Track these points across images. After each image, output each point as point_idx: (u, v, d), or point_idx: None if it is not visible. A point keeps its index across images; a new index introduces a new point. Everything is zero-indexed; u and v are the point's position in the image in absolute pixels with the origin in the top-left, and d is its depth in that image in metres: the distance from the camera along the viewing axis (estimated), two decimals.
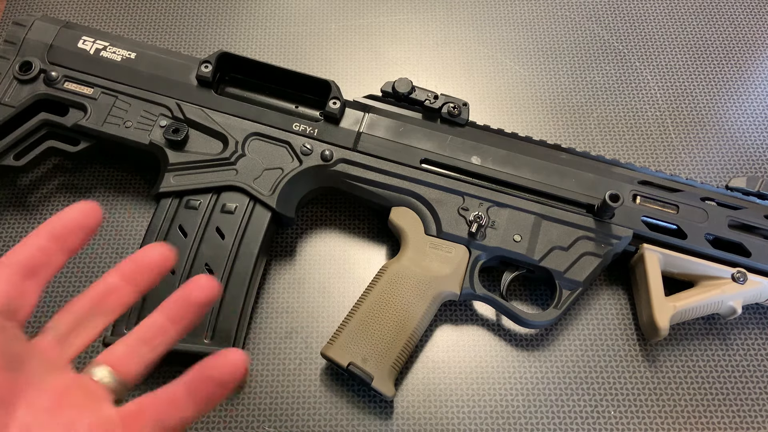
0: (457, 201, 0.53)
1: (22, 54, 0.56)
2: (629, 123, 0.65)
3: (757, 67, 0.69)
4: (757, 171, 0.63)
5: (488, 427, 0.51)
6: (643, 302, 0.53)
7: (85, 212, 0.32)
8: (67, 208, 0.32)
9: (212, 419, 0.50)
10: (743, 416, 0.52)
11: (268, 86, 0.58)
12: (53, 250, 0.32)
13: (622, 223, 0.53)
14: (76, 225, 0.32)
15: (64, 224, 0.32)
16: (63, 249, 0.32)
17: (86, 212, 0.32)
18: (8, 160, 0.54)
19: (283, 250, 0.58)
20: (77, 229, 0.32)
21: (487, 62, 0.68)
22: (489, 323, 0.55)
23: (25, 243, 0.31)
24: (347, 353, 0.49)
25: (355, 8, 0.71)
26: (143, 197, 0.60)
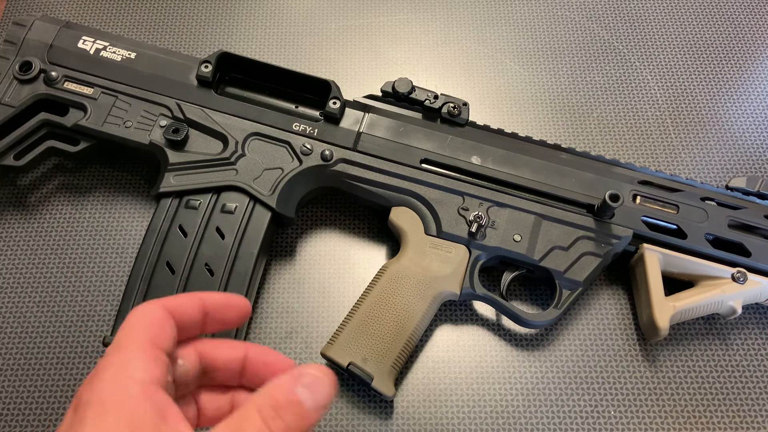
0: (457, 201, 0.53)
1: (22, 54, 0.56)
2: (629, 123, 0.65)
3: (757, 67, 0.69)
4: (757, 171, 0.63)
5: (488, 427, 0.51)
6: (643, 302, 0.53)
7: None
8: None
9: None
10: (743, 416, 0.52)
11: (268, 86, 0.58)
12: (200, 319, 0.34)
13: (622, 223, 0.53)
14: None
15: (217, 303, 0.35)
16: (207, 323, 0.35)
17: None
18: (8, 160, 0.54)
19: (283, 250, 0.58)
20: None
21: (487, 62, 0.68)
22: (489, 323, 0.55)
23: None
24: (347, 353, 0.49)
25: (355, 8, 0.71)
26: (143, 197, 0.60)
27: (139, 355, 0.30)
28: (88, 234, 0.58)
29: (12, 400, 0.51)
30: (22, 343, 0.53)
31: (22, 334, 0.54)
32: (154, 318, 0.32)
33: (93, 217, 0.59)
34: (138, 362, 0.29)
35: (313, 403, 0.31)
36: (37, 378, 0.52)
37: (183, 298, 0.33)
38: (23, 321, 0.54)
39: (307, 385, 0.31)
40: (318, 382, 0.31)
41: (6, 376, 0.52)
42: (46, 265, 0.57)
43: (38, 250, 0.57)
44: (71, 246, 0.57)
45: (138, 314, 0.32)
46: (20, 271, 0.56)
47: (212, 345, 0.35)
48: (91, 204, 0.59)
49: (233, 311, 0.35)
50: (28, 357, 0.53)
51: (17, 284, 0.56)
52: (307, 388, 0.31)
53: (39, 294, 0.55)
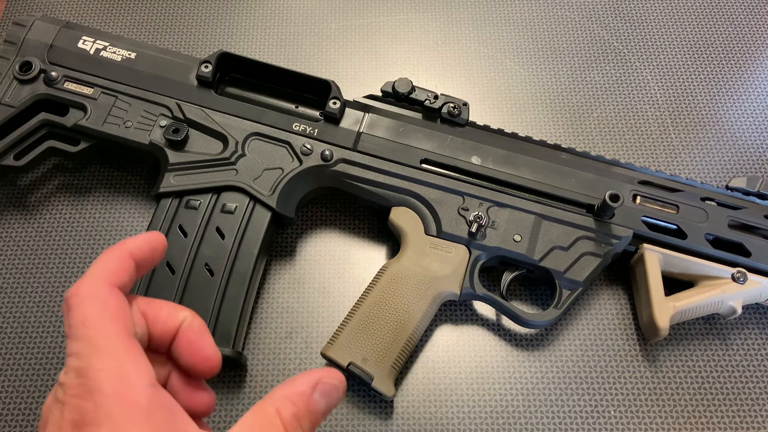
0: (457, 201, 0.53)
1: (22, 54, 0.56)
2: (629, 123, 0.65)
3: (757, 67, 0.69)
4: (757, 171, 0.63)
5: (488, 427, 0.51)
6: (643, 302, 0.53)
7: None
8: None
9: (212, 419, 0.50)
10: (743, 416, 0.52)
11: (268, 86, 0.58)
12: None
13: (622, 223, 0.53)
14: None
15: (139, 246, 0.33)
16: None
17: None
18: (8, 160, 0.54)
19: (283, 250, 0.58)
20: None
21: (487, 62, 0.68)
22: (489, 323, 0.55)
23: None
24: (347, 353, 0.49)
25: (355, 8, 0.71)
26: (143, 197, 0.60)
27: (129, 356, 0.28)
28: (88, 234, 0.58)
29: (12, 400, 0.51)
30: (22, 343, 0.53)
31: (22, 334, 0.54)
32: (113, 303, 0.30)
33: (93, 217, 0.59)
34: (132, 366, 0.28)
35: (325, 410, 0.32)
36: (37, 378, 0.52)
37: (116, 263, 0.31)
38: (23, 321, 0.54)
39: (324, 393, 0.31)
40: (335, 391, 0.32)
41: (6, 376, 0.52)
42: (46, 265, 0.57)
43: (38, 250, 0.57)
44: (71, 246, 0.57)
45: (97, 302, 0.30)
46: (20, 271, 0.56)
47: (153, 309, 0.33)
48: (91, 204, 0.59)
49: (153, 249, 0.34)
50: (28, 357, 0.53)
51: (17, 284, 0.56)
52: (323, 396, 0.31)
53: (39, 294, 0.55)
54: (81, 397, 0.27)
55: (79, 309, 0.29)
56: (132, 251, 0.32)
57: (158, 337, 0.33)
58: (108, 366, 0.27)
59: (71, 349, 0.28)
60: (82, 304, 0.29)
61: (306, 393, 0.31)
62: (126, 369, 0.28)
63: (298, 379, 0.31)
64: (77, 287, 0.30)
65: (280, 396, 0.30)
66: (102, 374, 0.27)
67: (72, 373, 0.28)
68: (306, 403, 0.30)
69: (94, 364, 0.27)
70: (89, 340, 0.28)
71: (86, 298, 0.29)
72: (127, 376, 0.28)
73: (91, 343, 0.28)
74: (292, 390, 0.31)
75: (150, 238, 0.34)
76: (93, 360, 0.28)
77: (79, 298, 0.29)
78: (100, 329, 0.29)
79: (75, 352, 0.28)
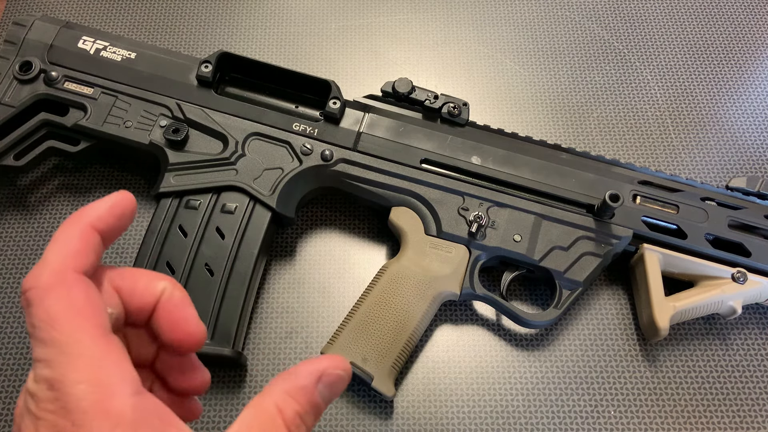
0: (457, 201, 0.53)
1: (22, 54, 0.56)
2: (629, 123, 0.65)
3: (757, 67, 0.69)
4: (757, 171, 0.63)
5: (488, 427, 0.51)
6: (643, 302, 0.53)
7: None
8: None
9: (212, 419, 0.50)
10: (743, 416, 0.52)
11: (268, 86, 0.58)
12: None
13: (622, 223, 0.53)
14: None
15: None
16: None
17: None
18: (8, 160, 0.54)
19: (283, 250, 0.58)
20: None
21: (487, 62, 0.68)
22: (489, 323, 0.55)
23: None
24: (347, 353, 0.49)
25: (355, 8, 0.71)
26: (143, 197, 0.60)
27: (108, 362, 0.25)
28: None
29: (12, 400, 0.51)
30: (22, 343, 0.53)
31: (22, 334, 0.54)
32: (81, 294, 0.26)
33: None
34: (113, 373, 0.24)
35: (329, 402, 0.29)
36: None
37: (78, 241, 0.27)
38: (23, 321, 0.54)
39: (329, 385, 0.29)
40: (340, 381, 0.29)
41: (6, 376, 0.52)
42: None
43: (38, 250, 0.57)
44: None
45: (62, 295, 0.25)
46: (20, 271, 0.56)
47: (129, 281, 0.29)
48: None
49: (120, 215, 0.29)
50: (28, 357, 0.53)
51: (17, 284, 0.56)
52: (328, 388, 0.29)
53: None
54: (56, 414, 0.24)
55: (41, 305, 0.25)
56: (94, 223, 0.28)
57: (136, 312, 0.29)
58: (85, 377, 0.24)
59: (39, 355, 0.25)
60: (45, 299, 0.25)
61: (309, 387, 0.28)
62: (106, 378, 0.24)
63: (300, 371, 0.28)
64: (35, 277, 0.25)
65: (280, 392, 0.27)
66: (79, 388, 0.24)
67: (43, 384, 0.24)
68: (310, 399, 0.28)
69: (68, 376, 0.24)
70: (59, 345, 0.24)
71: (48, 291, 0.25)
72: (107, 387, 0.24)
73: (62, 350, 0.24)
74: (294, 384, 0.28)
75: (115, 203, 0.29)
76: (67, 371, 0.24)
77: (39, 291, 0.25)
78: (70, 331, 0.25)
79: (43, 358, 0.24)
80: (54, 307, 0.25)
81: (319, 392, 0.28)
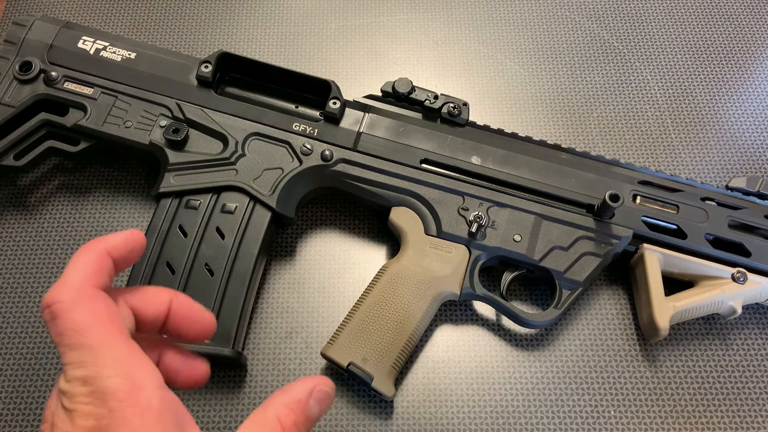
0: (457, 201, 0.53)
1: (22, 54, 0.56)
2: (629, 123, 0.65)
3: (757, 67, 0.69)
4: (757, 171, 0.63)
5: (488, 427, 0.51)
6: (643, 302, 0.53)
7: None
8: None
9: (212, 419, 0.50)
10: (743, 416, 0.52)
11: (268, 86, 0.58)
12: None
13: (622, 223, 0.53)
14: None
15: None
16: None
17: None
18: (8, 160, 0.54)
19: (283, 250, 0.58)
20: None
21: (487, 62, 0.68)
22: (489, 323, 0.55)
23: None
24: (347, 353, 0.49)
25: (355, 8, 0.71)
26: (143, 197, 0.60)
27: (135, 360, 0.29)
28: (88, 234, 0.58)
29: (12, 400, 0.51)
30: (22, 343, 0.53)
31: (22, 334, 0.54)
32: (102, 306, 0.30)
33: (93, 217, 0.59)
34: (141, 369, 0.29)
35: (319, 415, 0.33)
36: (36, 378, 0.52)
37: (95, 264, 0.31)
38: (23, 321, 0.54)
39: (318, 400, 0.33)
40: (327, 397, 0.34)
41: (6, 376, 0.52)
42: (46, 265, 0.57)
43: (38, 250, 0.57)
44: (71, 246, 0.57)
45: (86, 307, 0.29)
46: (20, 271, 0.56)
47: (139, 297, 0.33)
48: (91, 204, 0.59)
49: (131, 249, 0.33)
50: (28, 357, 0.53)
51: (17, 284, 0.56)
52: (318, 403, 0.33)
53: (39, 294, 0.55)
54: (93, 405, 0.27)
55: (67, 316, 0.29)
56: (110, 250, 0.32)
57: (150, 323, 0.33)
58: (117, 372, 0.28)
59: (69, 359, 0.28)
60: (71, 311, 0.29)
61: (303, 401, 0.32)
62: (135, 373, 0.28)
63: (295, 387, 0.33)
64: (57, 293, 0.29)
65: (279, 404, 0.32)
66: (114, 381, 0.27)
67: (76, 382, 0.28)
68: (303, 411, 0.32)
69: (102, 372, 0.28)
70: (89, 348, 0.28)
71: (73, 305, 0.29)
72: (137, 380, 0.28)
73: (93, 352, 0.28)
74: (291, 398, 0.32)
75: (128, 238, 0.33)
76: (100, 369, 0.28)
77: (65, 305, 0.29)
78: (97, 336, 0.28)
79: (74, 361, 0.28)
80: (80, 317, 0.29)
81: (311, 406, 0.33)
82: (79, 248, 0.31)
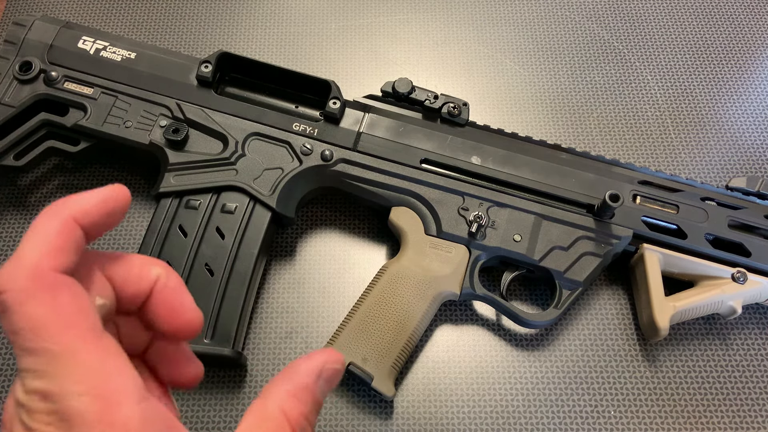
0: (457, 201, 0.53)
1: (22, 54, 0.56)
2: (629, 123, 0.65)
3: (757, 67, 0.69)
4: (757, 171, 0.63)
5: (488, 427, 0.51)
6: (643, 302, 0.53)
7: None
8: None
9: (212, 419, 0.50)
10: (743, 416, 0.52)
11: (268, 86, 0.58)
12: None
13: (622, 223, 0.53)
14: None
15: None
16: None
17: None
18: (8, 160, 0.54)
19: (283, 250, 0.58)
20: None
21: (487, 62, 0.68)
22: (489, 323, 0.55)
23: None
24: (347, 353, 0.49)
25: (355, 8, 0.71)
26: (143, 197, 0.60)
27: (108, 368, 0.23)
28: None
29: None
30: None
31: None
32: (66, 296, 0.23)
33: None
34: (116, 380, 0.23)
35: (325, 395, 0.29)
36: None
37: (56, 237, 0.24)
38: None
39: (328, 380, 0.28)
40: (337, 375, 0.29)
41: (6, 376, 0.52)
42: None
43: None
44: None
45: (44, 299, 0.22)
46: None
47: (122, 267, 0.27)
48: None
49: (110, 212, 0.26)
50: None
51: None
52: (326, 382, 0.28)
53: None
54: (54, 426, 0.22)
55: (20, 310, 0.22)
56: (78, 216, 0.25)
57: (130, 299, 0.27)
58: (86, 389, 0.22)
59: (26, 365, 0.22)
60: (24, 304, 0.22)
61: (311, 385, 0.27)
62: (110, 388, 0.22)
63: (300, 370, 0.27)
64: (8, 277, 0.22)
65: (283, 394, 0.26)
66: (81, 400, 0.22)
67: (35, 395, 0.22)
68: (312, 397, 0.27)
69: (67, 388, 0.22)
70: (50, 355, 0.22)
71: (28, 295, 0.22)
72: (112, 397, 0.22)
73: (54, 359, 0.22)
74: (296, 384, 0.27)
75: (105, 197, 0.26)
76: (64, 383, 0.22)
77: (17, 295, 0.22)
78: (60, 339, 0.22)
79: (33, 369, 0.22)
80: (37, 313, 0.22)
81: (320, 389, 0.28)
82: (40, 212, 0.24)
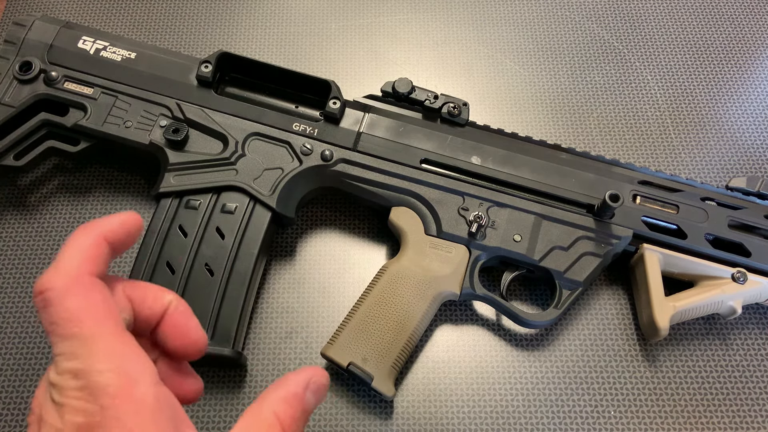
0: (457, 201, 0.53)
1: (22, 54, 0.56)
2: (629, 123, 0.65)
3: (757, 67, 0.69)
4: (757, 171, 0.63)
5: (488, 427, 0.51)
6: (643, 302, 0.53)
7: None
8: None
9: (212, 419, 0.50)
10: (743, 416, 0.52)
11: (268, 86, 0.58)
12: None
13: (622, 223, 0.53)
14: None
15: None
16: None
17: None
18: (8, 160, 0.54)
19: (283, 250, 0.58)
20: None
21: (487, 62, 0.68)
22: (489, 323, 0.55)
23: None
24: (347, 353, 0.49)
25: (355, 8, 0.71)
26: (143, 197, 0.60)
27: (129, 353, 0.27)
28: None
29: (12, 400, 0.51)
30: (22, 343, 0.53)
31: (22, 334, 0.54)
32: (98, 294, 0.28)
33: (93, 217, 0.59)
34: (135, 363, 0.27)
35: (313, 407, 0.32)
36: (36, 378, 0.52)
37: (91, 249, 0.29)
38: (23, 321, 0.54)
39: (314, 392, 0.32)
40: (323, 389, 0.33)
41: (6, 376, 0.52)
42: (46, 264, 0.57)
43: (38, 250, 0.57)
44: None
45: (80, 295, 0.27)
46: (20, 271, 0.56)
47: (139, 291, 0.32)
48: (91, 204, 0.59)
49: (128, 233, 0.31)
50: (28, 357, 0.53)
51: (17, 284, 0.56)
52: (314, 395, 0.32)
53: None
54: (84, 400, 0.26)
55: (60, 304, 0.27)
56: (106, 234, 0.30)
57: (144, 321, 0.32)
58: (110, 366, 0.26)
59: (61, 349, 0.27)
60: (64, 299, 0.27)
61: (300, 394, 0.31)
62: (129, 367, 0.27)
63: (290, 380, 0.31)
64: (50, 279, 0.28)
65: (276, 399, 0.30)
66: (106, 375, 0.26)
67: (67, 374, 0.26)
68: (301, 404, 0.31)
69: (94, 366, 0.26)
70: (82, 339, 0.27)
71: (67, 292, 0.27)
72: (131, 375, 0.26)
73: (85, 343, 0.27)
74: (287, 392, 0.31)
75: (125, 221, 0.31)
76: (92, 361, 0.26)
77: (58, 292, 0.27)
78: (91, 326, 0.27)
79: (66, 352, 0.27)
80: (74, 306, 0.27)
81: (308, 399, 0.31)
82: (74, 231, 0.30)
